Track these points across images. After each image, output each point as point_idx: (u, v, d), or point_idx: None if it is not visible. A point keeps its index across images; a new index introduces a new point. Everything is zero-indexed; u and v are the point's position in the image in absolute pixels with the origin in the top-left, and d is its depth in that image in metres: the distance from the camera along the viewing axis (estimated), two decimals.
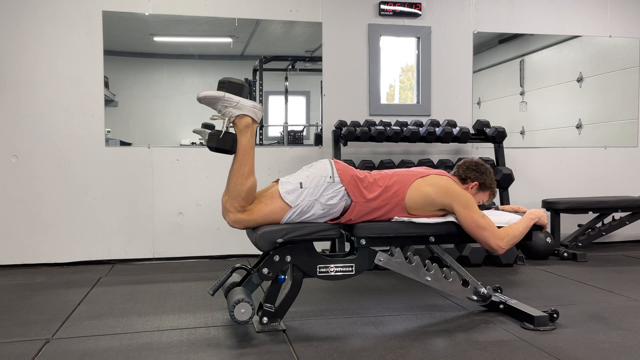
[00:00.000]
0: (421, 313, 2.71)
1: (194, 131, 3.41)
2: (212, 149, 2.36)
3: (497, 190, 2.93)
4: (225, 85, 2.31)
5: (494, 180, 2.71)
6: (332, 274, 2.44)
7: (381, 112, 4.52)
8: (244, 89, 2.34)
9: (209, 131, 2.40)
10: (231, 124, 2.33)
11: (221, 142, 2.31)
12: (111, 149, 4.10)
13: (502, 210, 2.85)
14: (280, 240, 2.32)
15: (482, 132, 4.39)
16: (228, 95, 2.28)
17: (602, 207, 4.37)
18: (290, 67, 4.69)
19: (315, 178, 2.40)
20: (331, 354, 2.13)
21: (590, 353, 2.13)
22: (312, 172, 2.44)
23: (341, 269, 2.46)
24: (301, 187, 2.38)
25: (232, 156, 2.40)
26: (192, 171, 4.20)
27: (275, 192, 2.40)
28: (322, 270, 2.43)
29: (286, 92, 4.68)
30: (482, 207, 2.67)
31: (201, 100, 2.29)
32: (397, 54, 4.65)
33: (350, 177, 2.43)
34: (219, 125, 2.37)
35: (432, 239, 2.53)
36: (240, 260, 4.12)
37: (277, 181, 2.47)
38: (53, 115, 4.00)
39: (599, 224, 4.45)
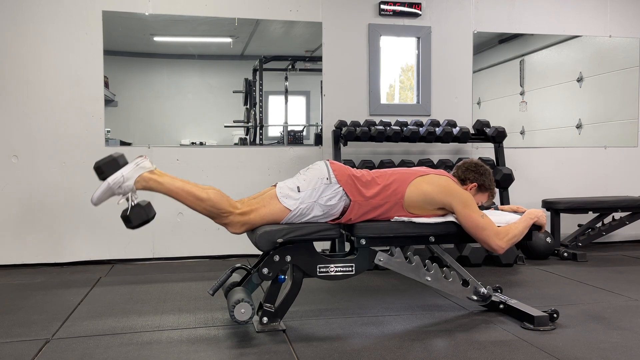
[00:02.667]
0: (421, 313, 2.71)
1: None
2: (133, 228, 2.27)
3: (497, 191, 2.92)
4: (101, 170, 2.20)
5: (493, 182, 2.71)
6: (332, 274, 2.44)
7: (381, 112, 4.52)
8: (119, 159, 2.24)
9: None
10: (136, 196, 2.25)
11: (135, 219, 2.24)
12: (111, 149, 4.10)
13: (502, 210, 2.85)
14: (280, 240, 2.32)
15: (482, 132, 4.39)
16: (111, 178, 2.19)
17: (602, 207, 4.37)
18: (290, 67, 4.69)
19: (312, 181, 2.40)
20: (331, 354, 2.13)
21: (590, 353, 2.13)
22: (309, 175, 2.44)
23: (341, 269, 2.46)
24: (299, 191, 2.38)
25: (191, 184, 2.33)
26: (192, 171, 4.19)
27: (274, 194, 2.40)
28: (322, 270, 2.43)
29: (286, 92, 4.68)
30: (482, 207, 2.67)
31: (97, 203, 2.21)
32: (397, 54, 4.65)
33: (347, 177, 2.43)
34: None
35: (432, 239, 2.53)
36: (240, 260, 4.12)
37: (275, 185, 2.47)
38: (53, 115, 4.00)
39: (599, 224, 4.44)
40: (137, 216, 2.25)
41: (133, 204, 2.24)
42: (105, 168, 2.21)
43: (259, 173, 4.31)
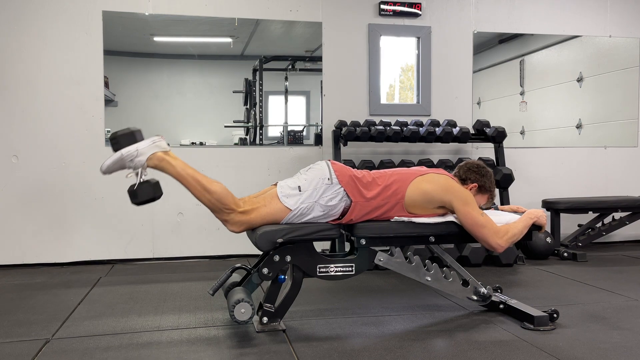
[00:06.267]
0: (421, 313, 2.71)
1: None
2: (138, 204, 2.28)
3: (497, 193, 2.93)
4: (116, 141, 2.22)
5: (494, 184, 2.71)
6: (332, 274, 2.44)
7: (381, 112, 4.52)
8: (136, 134, 2.25)
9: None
10: (146, 173, 2.26)
11: (141, 195, 2.24)
12: (111, 149, 4.09)
13: (502, 210, 2.85)
14: (280, 240, 2.32)
15: (482, 132, 4.39)
16: (125, 150, 2.21)
17: (602, 207, 4.37)
18: (290, 67, 4.69)
19: (313, 181, 2.40)
20: (331, 354, 2.13)
21: (590, 353, 2.13)
22: (309, 175, 2.44)
23: (341, 269, 2.46)
24: (300, 191, 2.38)
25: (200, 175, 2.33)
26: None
27: (275, 193, 2.40)
28: (322, 270, 2.43)
29: (286, 92, 4.68)
30: (481, 208, 2.67)
31: (107, 172, 2.22)
32: (397, 53, 4.65)
33: (348, 178, 2.43)
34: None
35: (432, 239, 2.53)
36: (240, 260, 4.12)
37: (275, 184, 2.46)
38: (53, 115, 4.00)
39: (599, 224, 4.44)
40: (144, 192, 2.25)
41: (142, 179, 2.24)
42: (122, 140, 2.22)
43: (259, 173, 4.31)
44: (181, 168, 2.30)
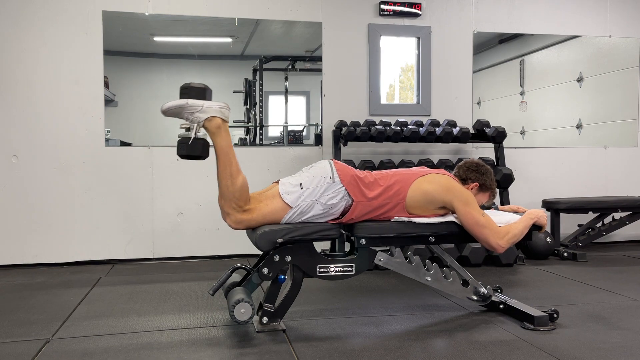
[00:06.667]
0: (421, 313, 2.71)
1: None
2: (182, 156, 2.30)
3: (497, 191, 2.93)
4: (187, 91, 2.25)
5: (494, 182, 2.71)
6: (332, 274, 2.44)
7: (381, 112, 4.52)
8: (207, 92, 2.29)
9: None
10: (201, 130, 2.28)
11: (190, 149, 2.26)
12: (111, 149, 4.10)
13: (502, 210, 2.85)
14: (280, 240, 2.32)
15: (482, 132, 4.39)
16: (191, 101, 2.23)
17: (602, 207, 4.37)
18: (290, 67, 4.69)
19: (315, 179, 2.40)
20: (331, 354, 2.13)
21: (590, 353, 2.13)
22: (312, 173, 2.44)
23: (341, 269, 2.46)
24: (301, 188, 2.38)
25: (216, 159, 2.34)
26: (192, 171, 4.19)
27: (276, 192, 2.40)
28: (322, 270, 2.43)
29: (286, 92, 4.68)
30: (482, 207, 2.67)
31: (166, 112, 2.24)
32: (397, 54, 4.65)
33: (350, 177, 2.43)
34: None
35: (432, 239, 2.53)
36: (240, 260, 4.12)
37: (277, 182, 2.47)
38: (53, 115, 4.00)
39: (599, 224, 4.44)
40: (194, 148, 2.26)
41: (197, 134, 2.26)
42: (192, 91, 2.25)
43: (259, 173, 4.31)
44: (227, 144, 2.31)
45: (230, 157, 2.31)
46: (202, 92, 2.27)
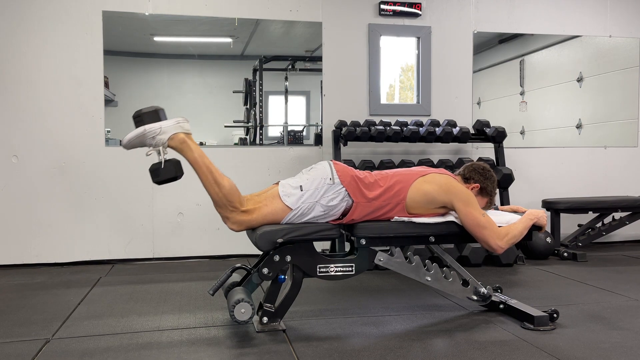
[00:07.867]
0: (421, 313, 2.71)
1: None
2: (158, 183, 2.30)
3: (497, 198, 2.93)
4: (140, 118, 2.23)
5: (496, 189, 2.71)
6: (332, 274, 2.44)
7: (381, 112, 4.52)
8: (160, 112, 2.27)
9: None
10: (167, 150, 2.27)
11: (164, 173, 2.26)
12: (111, 149, 4.10)
13: (502, 210, 2.85)
14: (280, 240, 2.32)
15: (482, 132, 4.39)
16: (148, 126, 2.22)
17: (602, 207, 4.37)
18: (290, 67, 4.69)
19: (315, 180, 2.40)
20: (331, 354, 2.13)
21: (590, 353, 2.13)
22: (312, 175, 2.44)
23: (341, 269, 2.46)
24: (301, 190, 2.38)
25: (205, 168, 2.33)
26: (192, 171, 4.17)
27: (276, 192, 2.40)
28: (322, 270, 2.43)
29: (286, 92, 4.68)
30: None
31: (127, 146, 2.23)
32: (397, 53, 4.65)
33: (350, 178, 2.43)
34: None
35: (432, 239, 2.53)
36: (240, 260, 4.12)
37: (277, 183, 2.46)
38: (53, 115, 4.00)
39: (599, 224, 4.44)
40: (167, 171, 2.26)
41: (165, 158, 2.25)
42: (145, 117, 2.23)
43: (259, 173, 4.31)
44: (199, 154, 2.30)
45: (208, 165, 2.31)
46: (155, 115, 2.24)
